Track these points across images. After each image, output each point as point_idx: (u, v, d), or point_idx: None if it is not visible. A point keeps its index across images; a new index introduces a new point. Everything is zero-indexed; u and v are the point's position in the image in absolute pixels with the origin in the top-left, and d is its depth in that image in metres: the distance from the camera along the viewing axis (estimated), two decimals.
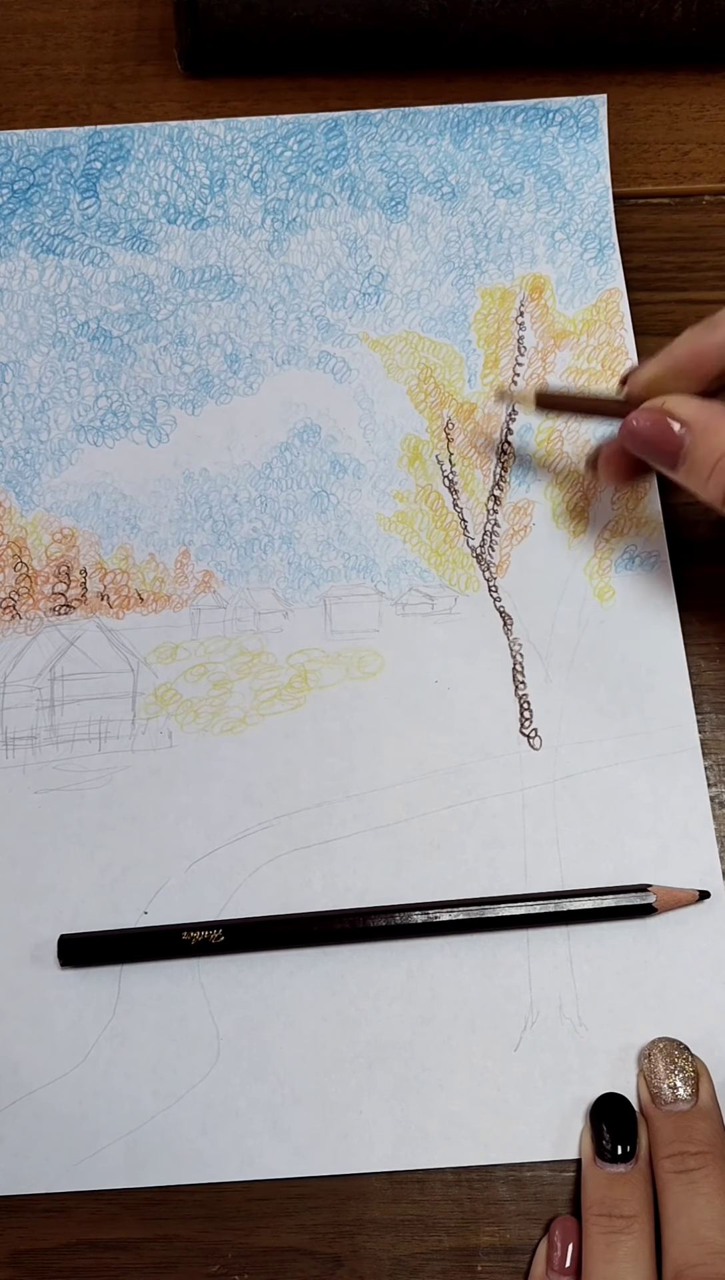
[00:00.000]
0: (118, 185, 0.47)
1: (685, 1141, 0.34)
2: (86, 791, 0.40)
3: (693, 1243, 0.33)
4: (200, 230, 0.47)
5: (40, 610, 0.42)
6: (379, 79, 0.50)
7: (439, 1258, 0.36)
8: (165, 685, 0.41)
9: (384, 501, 0.43)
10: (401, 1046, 0.37)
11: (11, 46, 0.51)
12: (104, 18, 0.51)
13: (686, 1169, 0.34)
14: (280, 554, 0.43)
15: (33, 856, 0.39)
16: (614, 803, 0.40)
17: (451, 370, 0.45)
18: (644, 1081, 0.36)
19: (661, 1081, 0.36)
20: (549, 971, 0.38)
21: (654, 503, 0.43)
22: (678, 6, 0.47)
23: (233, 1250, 0.36)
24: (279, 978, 0.38)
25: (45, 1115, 0.36)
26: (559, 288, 0.46)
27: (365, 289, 0.46)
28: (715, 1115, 0.35)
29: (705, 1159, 0.34)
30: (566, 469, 0.44)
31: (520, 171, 0.47)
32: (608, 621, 0.42)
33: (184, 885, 0.39)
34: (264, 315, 0.46)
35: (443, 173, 0.47)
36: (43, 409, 0.44)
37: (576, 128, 0.47)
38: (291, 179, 0.47)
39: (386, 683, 0.41)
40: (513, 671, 0.41)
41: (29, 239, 0.46)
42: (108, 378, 0.45)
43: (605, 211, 0.47)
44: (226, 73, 0.50)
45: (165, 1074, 0.37)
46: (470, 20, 0.47)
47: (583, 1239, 0.34)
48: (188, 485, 0.44)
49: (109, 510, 0.43)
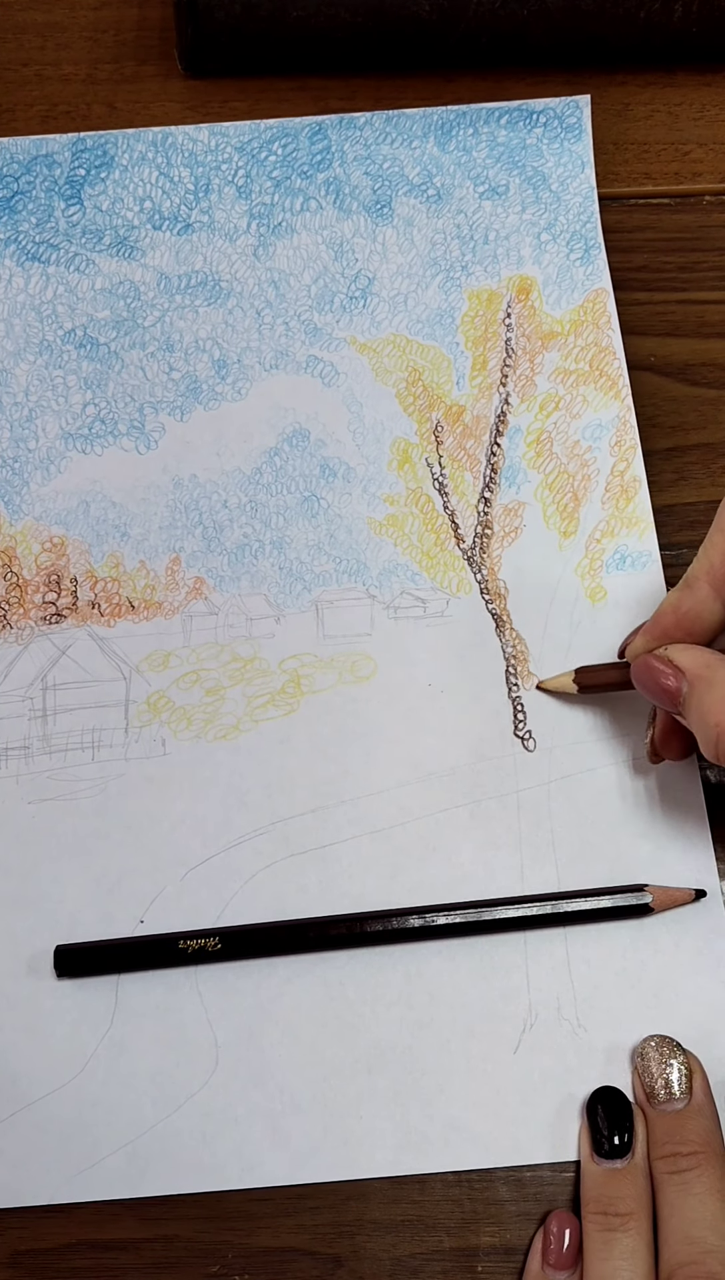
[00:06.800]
0: (102, 192, 0.47)
1: (679, 1142, 0.34)
2: (80, 801, 0.40)
3: (684, 1243, 0.33)
4: (186, 236, 0.46)
5: (31, 620, 0.42)
6: (379, 79, 0.50)
7: (439, 1258, 0.36)
8: (158, 693, 0.41)
9: (374, 505, 0.43)
10: (400, 1051, 0.37)
11: (11, 46, 0.51)
12: (104, 18, 0.51)
13: (679, 1169, 0.34)
14: (271, 559, 0.43)
15: (27, 867, 0.39)
16: (609, 803, 0.40)
17: (440, 373, 0.45)
18: (638, 1079, 0.36)
19: (655, 1079, 0.36)
20: (547, 973, 0.38)
21: (645, 503, 0.43)
22: (678, 6, 0.47)
23: (233, 1250, 0.36)
24: (276, 984, 0.38)
25: (44, 1126, 0.36)
26: (546, 289, 0.46)
27: (352, 293, 0.46)
28: (710, 1112, 0.35)
29: (698, 1159, 0.34)
30: (556, 470, 0.44)
31: (505, 173, 0.47)
32: (600, 622, 0.42)
33: (180, 893, 0.39)
34: (251, 320, 0.46)
35: (428, 175, 0.47)
36: (30, 417, 0.44)
37: (561, 128, 0.47)
38: (276, 183, 0.47)
39: (380, 686, 0.41)
40: (506, 673, 0.41)
41: (14, 247, 0.46)
42: (95, 385, 0.45)
43: (591, 212, 0.47)
44: (226, 73, 0.50)
45: (164, 1083, 0.37)
46: (470, 20, 0.47)
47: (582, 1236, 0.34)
48: (177, 492, 0.44)
49: (99, 518, 0.43)
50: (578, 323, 0.46)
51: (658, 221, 0.48)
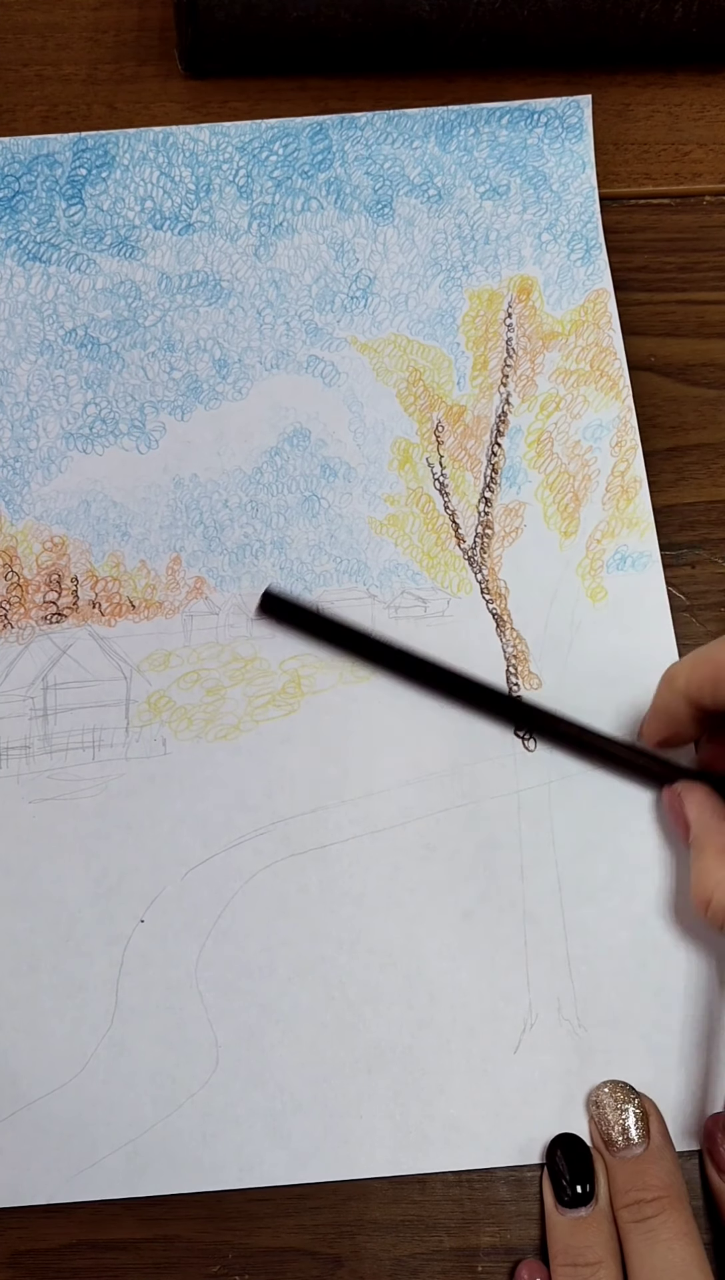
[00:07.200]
0: (103, 192, 0.47)
1: (641, 1188, 0.34)
2: (81, 800, 0.40)
3: None
4: (187, 236, 0.46)
5: (32, 619, 0.42)
6: (379, 79, 0.50)
7: (440, 1258, 0.36)
8: (158, 693, 0.41)
9: (375, 505, 0.43)
10: (401, 1051, 0.37)
11: (11, 47, 0.51)
12: (104, 18, 0.51)
13: (644, 1217, 0.34)
14: (272, 559, 0.43)
15: (28, 866, 0.39)
16: (609, 803, 0.40)
17: (440, 372, 0.45)
18: (594, 1128, 0.36)
19: (611, 1126, 0.36)
20: (547, 973, 0.38)
21: (645, 503, 0.43)
22: (678, 6, 0.47)
23: (233, 1251, 0.36)
24: (277, 984, 0.38)
25: (44, 1126, 0.36)
26: (546, 289, 0.46)
27: (353, 292, 0.46)
28: (668, 1155, 0.35)
29: (662, 1204, 0.34)
30: (557, 470, 0.44)
31: (506, 173, 0.47)
32: (600, 622, 0.42)
33: (180, 893, 0.39)
34: (252, 320, 0.46)
35: (429, 175, 0.47)
36: (31, 417, 0.44)
37: (562, 129, 0.47)
38: (277, 183, 0.47)
39: (380, 686, 0.41)
40: (506, 673, 0.41)
41: (15, 247, 0.46)
42: (96, 385, 0.45)
43: (592, 212, 0.47)
44: (226, 73, 0.50)
45: (164, 1082, 0.37)
46: (470, 20, 0.47)
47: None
48: (178, 491, 0.44)
49: (99, 518, 0.43)
50: (578, 323, 0.46)
51: (658, 222, 0.48)
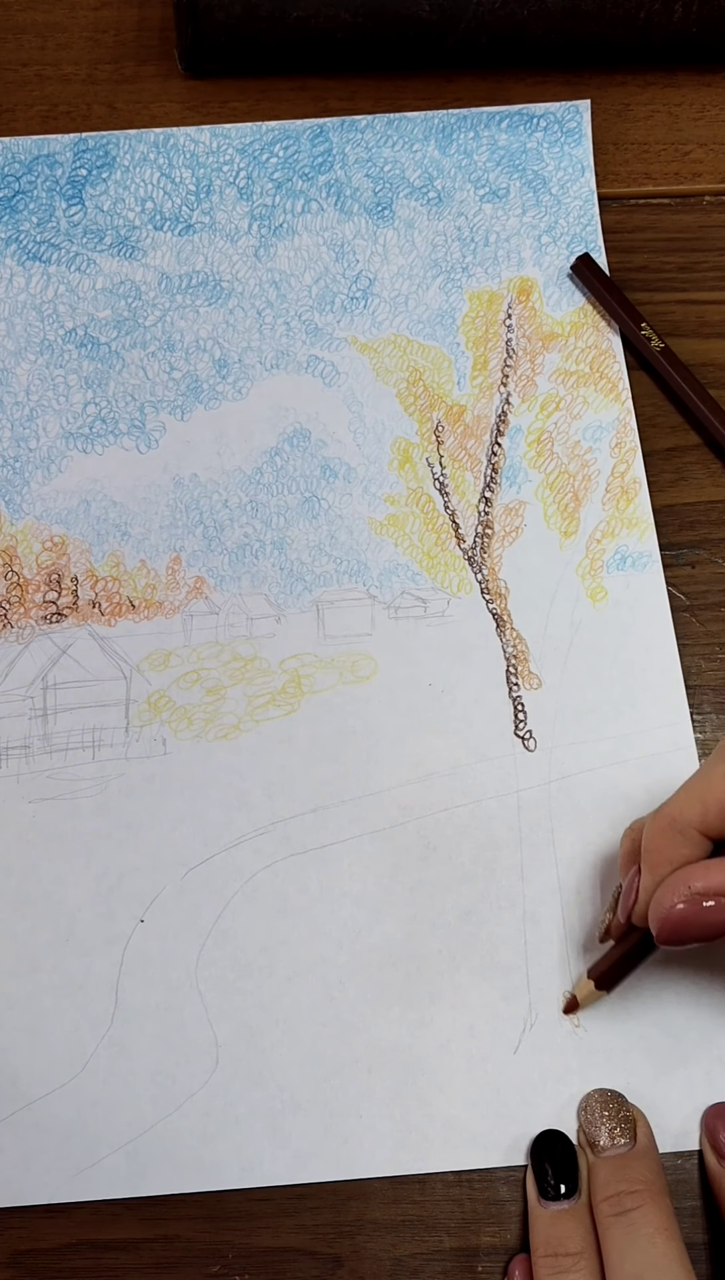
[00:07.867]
0: (104, 192, 0.47)
1: (622, 1181, 0.34)
2: (81, 800, 0.40)
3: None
4: (187, 236, 0.46)
5: (31, 619, 0.42)
6: (379, 80, 0.50)
7: (440, 1258, 0.36)
8: (158, 692, 0.41)
9: (375, 505, 0.44)
10: (400, 1050, 0.37)
11: (11, 47, 0.51)
12: (104, 18, 0.51)
13: (624, 1210, 0.34)
14: (272, 559, 0.43)
15: (28, 866, 0.39)
16: (609, 803, 0.40)
17: (440, 373, 0.45)
18: (583, 1133, 0.36)
19: (599, 1129, 0.36)
20: (547, 973, 0.38)
21: (645, 504, 0.43)
22: (678, 7, 0.47)
23: (233, 1250, 0.36)
24: (276, 984, 0.38)
25: (45, 1126, 0.36)
26: (546, 290, 0.46)
27: (353, 293, 0.46)
28: (652, 1155, 0.35)
29: (642, 1197, 0.34)
30: (557, 470, 0.44)
31: (506, 176, 0.47)
32: (600, 622, 0.42)
33: (180, 893, 0.39)
34: (252, 320, 0.46)
35: (428, 178, 0.47)
36: (31, 417, 0.44)
37: (561, 132, 0.48)
38: (278, 185, 0.47)
39: (380, 686, 0.41)
40: (506, 673, 0.41)
41: (15, 246, 0.46)
42: (96, 384, 0.45)
43: (591, 215, 0.47)
44: (226, 73, 0.50)
45: (164, 1082, 0.37)
46: (470, 21, 0.47)
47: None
48: (178, 491, 0.44)
49: (99, 517, 0.43)
50: (578, 325, 0.46)
51: (658, 221, 0.48)
